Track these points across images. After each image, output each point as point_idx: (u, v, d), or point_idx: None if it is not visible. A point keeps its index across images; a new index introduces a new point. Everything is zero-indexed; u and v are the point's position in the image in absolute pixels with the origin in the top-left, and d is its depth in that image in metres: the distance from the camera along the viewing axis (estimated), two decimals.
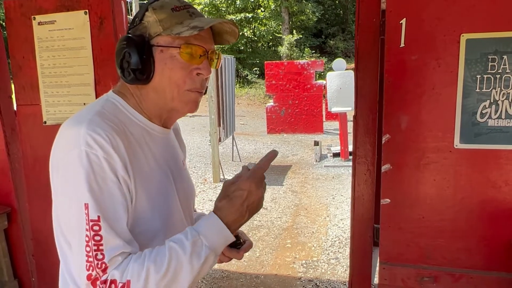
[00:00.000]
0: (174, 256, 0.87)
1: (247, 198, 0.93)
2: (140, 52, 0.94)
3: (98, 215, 0.84)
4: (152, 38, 0.95)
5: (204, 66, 0.97)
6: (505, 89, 1.53)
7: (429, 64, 1.57)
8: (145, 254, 0.88)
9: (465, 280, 1.67)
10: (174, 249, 0.88)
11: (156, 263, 0.86)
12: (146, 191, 0.96)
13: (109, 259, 0.84)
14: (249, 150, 9.16)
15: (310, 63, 10.51)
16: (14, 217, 2.52)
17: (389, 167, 1.68)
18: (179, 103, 0.99)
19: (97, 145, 0.86)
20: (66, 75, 2.19)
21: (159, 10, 0.96)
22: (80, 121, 0.89)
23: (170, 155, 1.10)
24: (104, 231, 0.84)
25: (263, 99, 17.37)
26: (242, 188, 0.94)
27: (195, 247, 0.88)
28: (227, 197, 0.94)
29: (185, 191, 1.13)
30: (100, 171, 0.86)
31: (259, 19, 20.96)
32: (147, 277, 0.84)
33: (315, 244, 4.20)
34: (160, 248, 0.89)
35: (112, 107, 0.98)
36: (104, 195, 0.86)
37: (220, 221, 0.92)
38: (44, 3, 2.16)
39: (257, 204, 0.95)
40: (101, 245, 0.84)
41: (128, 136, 0.94)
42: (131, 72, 0.95)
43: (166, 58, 0.95)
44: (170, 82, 0.96)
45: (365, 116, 1.89)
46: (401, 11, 1.58)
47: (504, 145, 1.55)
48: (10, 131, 2.44)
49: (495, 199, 1.60)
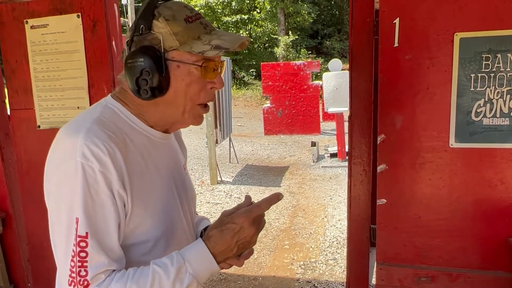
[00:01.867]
0: (157, 281, 0.86)
1: (238, 233, 0.92)
2: (159, 69, 0.90)
3: (86, 232, 0.83)
4: (167, 52, 0.91)
5: (218, 79, 0.97)
6: (499, 87, 1.53)
7: (423, 63, 1.57)
8: (128, 273, 0.87)
9: (462, 280, 1.67)
10: (157, 273, 0.87)
11: (138, 284, 0.85)
12: (145, 200, 0.94)
13: (92, 277, 0.84)
14: (246, 152, 9.15)
15: (306, 64, 10.50)
16: (9, 222, 2.50)
17: (385, 167, 1.67)
18: (189, 117, 0.98)
19: (94, 157, 0.84)
20: (59, 78, 2.18)
21: (172, 21, 0.90)
22: (78, 130, 0.87)
23: (171, 161, 1.09)
24: (90, 248, 0.84)
25: (260, 100, 17.36)
26: (235, 222, 0.92)
27: (179, 273, 0.88)
28: (220, 227, 0.94)
29: (186, 196, 1.12)
30: (95, 185, 0.84)
31: (255, 20, 20.96)
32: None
33: (313, 245, 4.20)
34: (144, 270, 0.88)
35: (111, 113, 0.95)
36: (96, 210, 0.85)
37: (207, 250, 0.91)
38: (36, 6, 2.15)
39: (248, 241, 0.94)
40: (85, 262, 0.84)
41: (127, 144, 0.92)
42: (149, 91, 0.91)
43: (184, 74, 0.92)
44: (186, 97, 0.94)
45: (360, 116, 1.89)
46: (394, 11, 1.57)
47: (499, 144, 1.55)
48: (4, 135, 2.43)
49: (491, 197, 1.59)
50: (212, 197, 5.91)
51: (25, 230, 2.46)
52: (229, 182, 6.64)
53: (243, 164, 7.90)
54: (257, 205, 0.95)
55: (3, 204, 2.48)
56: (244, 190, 6.17)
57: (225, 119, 7.25)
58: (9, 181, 2.46)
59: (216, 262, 0.91)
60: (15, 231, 2.50)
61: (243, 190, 6.18)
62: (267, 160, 8.31)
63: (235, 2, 20.31)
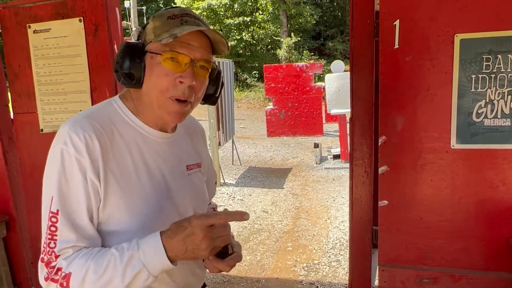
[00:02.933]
0: (112, 262, 0.90)
1: (188, 234, 0.90)
2: (132, 57, 0.98)
3: (57, 209, 0.93)
4: (147, 45, 1.00)
5: (186, 74, 0.97)
6: (500, 88, 1.53)
7: (424, 65, 1.57)
8: (92, 252, 0.94)
9: (465, 281, 1.66)
10: (113, 255, 0.91)
11: (97, 263, 0.91)
12: (123, 192, 0.99)
13: (59, 250, 0.93)
14: (249, 154, 9.15)
15: (309, 66, 10.51)
16: (12, 226, 2.51)
17: (386, 168, 1.67)
18: (162, 111, 1.01)
19: (72, 145, 0.93)
20: (62, 82, 2.19)
21: (157, 18, 1.00)
22: (70, 121, 0.97)
23: (168, 160, 1.09)
24: (60, 224, 0.93)
25: (262, 102, 17.38)
26: (190, 222, 0.91)
27: (132, 259, 0.90)
28: (179, 223, 0.93)
29: (186, 196, 1.12)
30: (70, 168, 0.93)
31: (257, 22, 21.00)
32: (85, 275, 0.90)
33: (316, 246, 4.19)
34: (105, 251, 0.94)
35: (109, 108, 1.04)
36: (68, 190, 0.94)
37: (160, 242, 0.91)
38: (39, 11, 2.17)
39: (197, 246, 0.90)
40: (55, 235, 0.94)
41: (114, 137, 0.99)
42: (121, 76, 0.99)
43: (154, 64, 0.98)
44: (155, 88, 0.98)
45: (361, 118, 1.89)
46: (394, 13, 1.58)
47: (501, 145, 1.55)
48: (7, 139, 2.44)
49: (493, 198, 1.59)
50: (215, 199, 5.89)
51: (29, 233, 2.47)
52: (232, 184, 6.64)
53: (246, 166, 7.90)
54: (216, 213, 0.93)
55: (7, 207, 2.50)
56: (247, 192, 6.17)
57: (228, 121, 7.26)
58: (13, 185, 2.47)
59: (166, 256, 0.90)
60: (18, 234, 2.52)
61: (246, 192, 6.18)
62: (270, 162, 8.31)
63: (238, 4, 20.35)
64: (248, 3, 20.67)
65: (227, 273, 3.63)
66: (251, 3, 20.78)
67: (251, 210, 5.40)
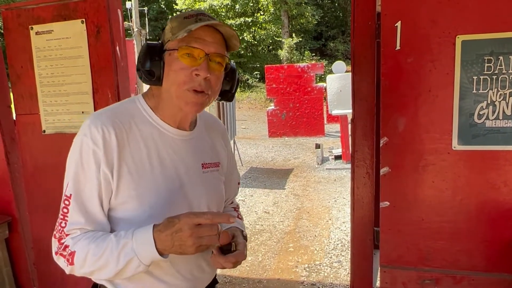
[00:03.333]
0: (109, 247, 0.99)
1: (176, 230, 0.95)
2: (152, 56, 1.05)
3: (70, 193, 1.03)
4: (165, 44, 1.06)
5: (201, 67, 1.02)
6: (501, 89, 1.53)
7: (425, 66, 1.57)
8: (96, 235, 1.02)
9: (466, 282, 1.66)
10: (112, 241, 0.99)
11: (97, 246, 0.99)
12: (135, 183, 1.05)
13: (68, 229, 1.03)
14: (250, 154, 9.16)
15: (310, 66, 10.51)
16: (15, 227, 2.52)
17: (388, 169, 1.68)
18: (181, 101, 1.06)
19: (90, 137, 1.01)
20: (64, 84, 2.20)
21: (174, 19, 1.07)
22: (93, 114, 1.07)
23: (184, 157, 1.14)
24: (71, 207, 1.03)
25: (264, 103, 17.38)
26: (179, 220, 0.96)
27: (125, 247, 0.98)
28: (170, 218, 0.98)
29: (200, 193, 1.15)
30: (87, 159, 1.02)
31: (258, 23, 21.01)
32: (87, 255, 0.99)
33: (317, 247, 4.19)
34: (106, 236, 1.02)
35: (131, 105, 1.12)
36: (83, 179, 1.02)
37: (151, 235, 0.97)
38: (41, 13, 2.17)
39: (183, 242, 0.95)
40: (66, 217, 1.03)
41: (132, 131, 1.07)
42: (143, 73, 1.06)
43: (172, 60, 1.04)
44: (173, 82, 1.04)
45: (363, 119, 1.89)
46: (396, 14, 1.58)
47: (502, 146, 1.55)
48: (9, 140, 2.45)
49: (495, 200, 1.59)
50: None
51: (31, 234, 2.48)
52: None
53: (247, 167, 7.90)
54: (204, 213, 0.98)
55: (9, 208, 2.50)
56: (249, 193, 6.17)
57: (229, 121, 7.27)
58: (15, 186, 2.48)
59: (156, 247, 0.96)
60: (21, 235, 2.52)
61: (247, 193, 6.18)
62: (271, 163, 8.31)
63: (239, 5, 20.37)
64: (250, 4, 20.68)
65: (229, 274, 3.63)
66: (252, 4, 20.80)
67: (253, 210, 5.40)
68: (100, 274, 1.01)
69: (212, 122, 1.30)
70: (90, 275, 1.04)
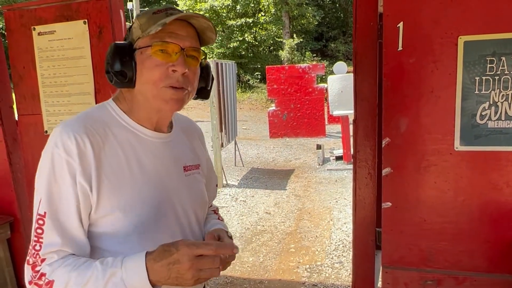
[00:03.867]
0: (95, 276, 0.89)
1: (174, 261, 0.87)
2: (122, 56, 0.98)
3: (45, 211, 0.92)
4: (135, 42, 1.00)
5: (178, 62, 0.97)
6: (504, 90, 1.52)
7: (427, 66, 1.57)
8: (78, 262, 0.92)
9: (468, 283, 1.66)
10: (97, 269, 0.90)
11: (79, 275, 0.89)
12: (117, 193, 0.97)
13: (44, 253, 0.92)
14: (251, 155, 9.16)
15: (311, 67, 10.51)
16: (17, 227, 2.52)
17: (390, 170, 1.68)
18: (159, 101, 0.99)
19: (62, 147, 0.92)
20: (66, 84, 2.20)
21: (142, 16, 1.01)
22: (62, 123, 0.96)
23: (165, 160, 1.08)
24: (46, 226, 0.92)
25: (265, 104, 17.38)
26: (178, 249, 0.88)
27: (113, 276, 0.88)
28: (167, 246, 0.90)
29: (184, 197, 1.10)
30: (59, 171, 0.92)
31: (259, 23, 21.02)
32: (67, 285, 0.89)
33: (319, 248, 4.19)
34: (90, 263, 0.92)
35: (102, 110, 1.04)
36: (57, 193, 0.93)
37: (144, 264, 0.88)
38: (43, 13, 2.18)
39: (181, 275, 0.87)
40: (41, 238, 0.92)
41: (108, 137, 0.99)
42: (113, 76, 0.99)
43: (144, 58, 0.98)
44: (149, 81, 0.98)
45: (365, 120, 1.89)
46: (398, 15, 1.58)
47: (505, 147, 1.55)
48: (11, 141, 2.45)
49: (497, 200, 1.59)
50: (217, 201, 5.92)
51: None
52: (235, 186, 6.65)
53: (248, 167, 7.90)
54: (207, 243, 0.91)
55: (11, 208, 2.51)
56: (250, 194, 6.17)
57: (230, 122, 7.27)
58: (17, 186, 2.48)
59: (148, 278, 0.88)
60: (22, 235, 2.52)
61: (248, 194, 6.18)
62: (272, 163, 8.31)
63: (240, 5, 20.38)
64: (251, 5, 20.70)
65: (230, 275, 3.64)
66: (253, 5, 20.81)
67: (254, 211, 5.40)
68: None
69: (188, 124, 1.26)
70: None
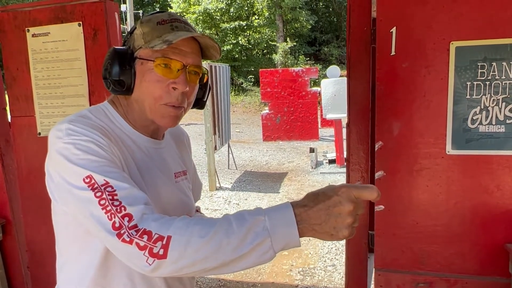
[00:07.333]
0: (224, 228, 0.77)
1: (334, 205, 0.77)
2: (121, 63, 0.96)
3: (104, 179, 0.83)
4: (136, 51, 0.98)
5: (180, 80, 0.96)
6: (495, 95, 1.55)
7: (420, 71, 1.59)
8: (189, 218, 0.82)
9: (460, 286, 1.68)
10: (227, 220, 0.79)
11: (202, 228, 0.78)
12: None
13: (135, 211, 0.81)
14: (245, 158, 9.16)
15: (305, 70, 10.54)
16: (8, 229, 2.51)
17: (383, 173, 1.69)
18: (156, 116, 0.99)
19: (78, 132, 0.88)
20: (60, 86, 2.20)
21: (145, 23, 0.99)
22: (63, 121, 0.92)
23: (158, 166, 1.07)
24: (118, 189, 0.83)
25: (258, 107, 17.40)
26: (335, 192, 0.78)
27: (255, 226, 0.77)
28: (320, 192, 0.80)
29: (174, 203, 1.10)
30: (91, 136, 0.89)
31: (253, 27, 21.07)
32: (190, 239, 0.77)
33: (311, 251, 4.20)
34: (209, 219, 0.83)
35: (99, 113, 1.01)
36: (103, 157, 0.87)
37: (292, 212, 0.78)
38: (38, 15, 2.17)
39: (341, 221, 0.77)
40: (121, 203, 0.81)
41: (110, 138, 0.95)
42: (111, 83, 0.97)
43: (145, 71, 0.96)
44: (148, 95, 0.97)
45: (358, 123, 1.91)
46: (391, 20, 1.60)
47: (495, 151, 1.57)
48: (4, 142, 2.44)
49: (488, 203, 1.61)
50: (210, 204, 5.91)
51: (25, 236, 2.46)
52: (228, 189, 6.64)
53: (241, 171, 7.90)
54: (363, 186, 0.80)
55: (3, 210, 2.49)
56: (243, 197, 6.17)
57: (224, 125, 7.27)
58: (9, 188, 2.47)
59: (296, 225, 0.77)
60: (15, 238, 2.51)
61: (241, 197, 6.18)
62: (265, 167, 8.32)
63: (234, 8, 20.42)
64: (244, 8, 20.75)
65: (223, 278, 3.63)
66: (247, 8, 20.87)
67: None
68: (206, 264, 0.77)
69: (176, 129, 1.24)
70: (187, 270, 0.79)
